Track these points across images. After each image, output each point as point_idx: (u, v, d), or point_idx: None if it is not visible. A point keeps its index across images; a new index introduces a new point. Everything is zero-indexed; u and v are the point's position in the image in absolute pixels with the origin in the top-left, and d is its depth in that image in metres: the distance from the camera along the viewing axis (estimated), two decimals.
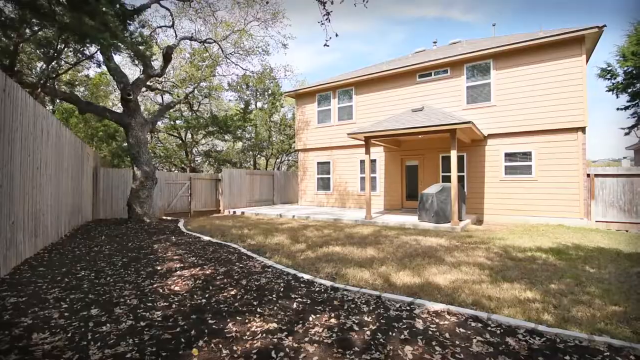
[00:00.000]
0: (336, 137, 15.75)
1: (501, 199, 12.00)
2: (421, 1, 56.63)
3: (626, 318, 3.55)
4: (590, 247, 7.32)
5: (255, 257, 5.93)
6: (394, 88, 14.21)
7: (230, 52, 13.81)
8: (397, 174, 14.41)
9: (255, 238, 7.91)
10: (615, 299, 4.09)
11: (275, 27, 13.72)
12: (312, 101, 16.78)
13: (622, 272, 5.43)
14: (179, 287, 4.31)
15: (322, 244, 7.26)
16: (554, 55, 10.95)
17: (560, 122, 10.89)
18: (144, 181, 10.38)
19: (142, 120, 10.85)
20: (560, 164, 11.01)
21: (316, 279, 4.57)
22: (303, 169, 17.27)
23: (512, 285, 4.59)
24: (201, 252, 6.34)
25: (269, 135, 22.13)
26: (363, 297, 3.92)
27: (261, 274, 4.89)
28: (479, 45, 12.82)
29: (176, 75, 16.26)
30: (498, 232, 9.33)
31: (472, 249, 7.05)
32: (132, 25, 9.70)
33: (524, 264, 5.81)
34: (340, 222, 11.17)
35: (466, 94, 12.57)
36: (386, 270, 5.24)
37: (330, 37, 5.89)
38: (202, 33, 13.42)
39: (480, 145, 12.40)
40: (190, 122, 16.22)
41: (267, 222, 11.03)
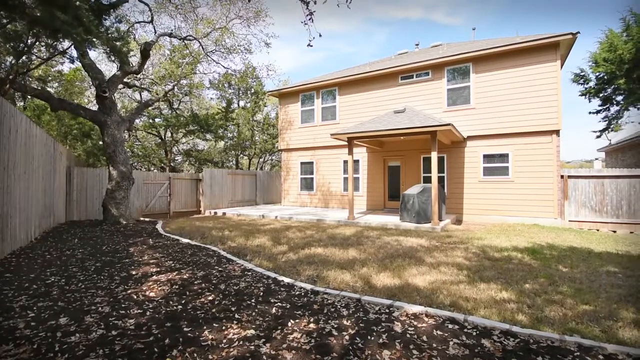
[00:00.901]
0: (320, 137, 15.73)
1: (480, 199, 12.29)
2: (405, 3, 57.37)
3: (596, 317, 3.67)
4: (564, 247, 7.57)
5: (235, 260, 5.83)
6: (377, 89, 14.31)
7: (212, 49, 13.54)
8: (380, 174, 14.52)
9: (236, 240, 7.79)
10: (586, 298, 4.24)
11: (257, 26, 13.61)
12: (295, 101, 16.70)
13: (593, 271, 5.64)
14: (154, 293, 4.18)
15: (304, 246, 7.22)
16: (530, 60, 11.28)
17: (536, 124, 11.23)
18: (120, 181, 10.06)
19: (118, 118, 10.50)
20: (535, 166, 11.36)
21: (296, 282, 4.53)
22: (286, 169, 17.18)
23: (489, 286, 4.69)
24: (179, 256, 6.18)
25: (252, 135, 21.87)
26: (343, 301, 3.91)
27: (241, 277, 4.81)
28: (459, 49, 13.06)
29: (155, 72, 15.84)
30: (476, 232, 9.53)
31: (451, 249, 7.17)
32: (108, 20, 9.37)
33: (501, 264, 5.95)
34: (323, 223, 11.16)
35: (447, 96, 12.79)
36: (367, 272, 5.25)
37: (314, 37, 5.84)
38: (183, 30, 13.14)
39: (460, 146, 12.65)
40: (169, 120, 15.81)
41: (248, 223, 10.89)
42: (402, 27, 74.62)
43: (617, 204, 10.56)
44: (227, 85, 19.89)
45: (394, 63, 14.34)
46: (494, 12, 77.05)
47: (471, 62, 12.25)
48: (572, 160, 51.29)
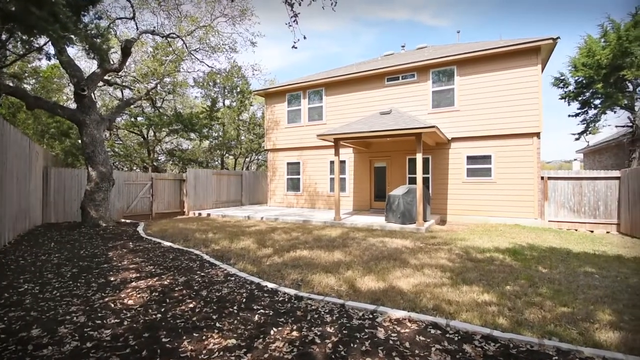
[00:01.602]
0: (306, 137, 15.67)
1: (463, 199, 12.48)
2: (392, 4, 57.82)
3: (573, 319, 3.76)
4: (543, 247, 7.75)
5: (218, 264, 5.73)
6: (364, 90, 14.35)
7: (196, 48, 13.28)
8: (366, 175, 14.58)
9: (220, 243, 7.67)
10: (564, 300, 4.33)
11: (243, 24, 13.35)
12: (282, 101, 16.59)
13: (571, 271, 5.79)
14: (132, 301, 4.06)
15: (290, 248, 7.16)
16: (512, 64, 11.51)
17: (518, 127, 11.47)
18: (99, 182, 9.76)
19: (97, 117, 10.19)
20: (517, 167, 11.61)
21: (280, 288, 4.48)
22: (272, 169, 17.05)
23: (471, 288, 4.74)
24: (160, 260, 6.03)
25: (238, 134, 21.61)
26: (327, 306, 3.89)
27: (223, 283, 4.72)
28: (444, 52, 13.22)
29: (138, 69, 15.45)
30: (460, 233, 9.67)
31: (435, 250, 7.25)
32: (87, 17, 9.05)
33: (483, 265, 6.04)
34: (309, 224, 11.12)
35: (432, 98, 12.93)
36: (352, 275, 5.24)
37: (299, 39, 5.80)
38: (166, 27, 12.82)
39: (444, 148, 12.81)
40: (152, 119, 15.43)
41: (233, 225, 10.76)
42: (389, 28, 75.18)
43: (594, 204, 10.89)
44: (212, 83, 19.59)
45: (380, 64, 14.41)
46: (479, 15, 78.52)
47: (455, 64, 12.41)
48: (552, 161, 52.75)
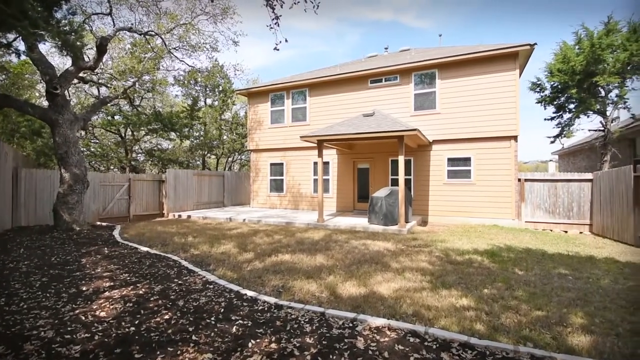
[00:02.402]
0: (290, 138, 15.57)
1: (444, 201, 12.69)
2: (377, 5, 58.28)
3: (547, 323, 3.85)
4: (520, 249, 7.96)
5: (197, 271, 5.59)
6: (347, 92, 14.37)
7: (176, 46, 12.94)
8: (350, 176, 14.62)
9: (200, 247, 7.51)
10: (539, 303, 4.44)
11: (225, 23, 13.03)
12: (265, 100, 16.42)
13: (546, 273, 5.95)
14: (105, 313, 3.90)
15: (271, 252, 7.09)
16: (491, 69, 11.77)
17: (496, 130, 11.74)
18: (72, 185, 9.38)
19: (71, 116, 9.78)
20: (495, 169, 11.89)
21: (260, 296, 4.40)
22: (255, 170, 16.87)
23: (450, 292, 4.80)
24: (136, 267, 5.84)
25: (220, 134, 21.24)
26: (307, 315, 3.84)
27: (201, 291, 4.60)
28: (426, 55, 13.39)
29: (115, 66, 14.94)
30: (440, 234, 9.82)
31: (416, 252, 7.32)
32: (60, 12, 8.67)
33: (462, 268, 6.14)
34: (292, 226, 11.05)
35: (414, 101, 13.08)
36: (333, 281, 5.22)
37: (280, 41, 5.73)
38: (144, 24, 12.42)
39: (426, 150, 12.98)
40: (130, 118, 14.92)
41: (214, 228, 10.56)
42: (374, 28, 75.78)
43: (568, 205, 11.28)
44: (193, 82, 19.17)
45: (364, 66, 14.46)
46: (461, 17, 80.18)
47: (437, 68, 12.59)
48: (530, 161, 54.43)
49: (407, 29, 73.28)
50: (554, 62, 13.22)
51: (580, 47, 12.51)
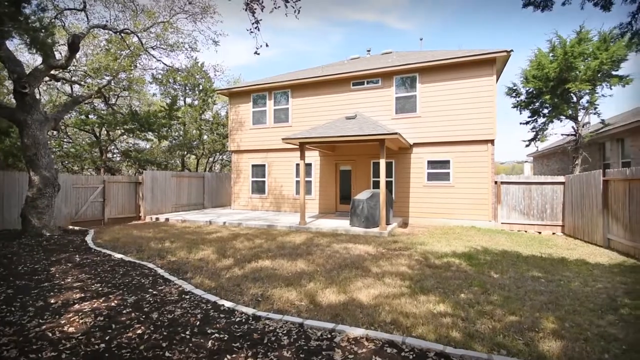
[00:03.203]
0: (272, 139, 15.43)
1: (424, 202, 12.89)
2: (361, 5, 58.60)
3: (521, 328, 3.95)
4: (496, 251, 8.16)
5: (173, 280, 5.44)
6: (330, 94, 14.36)
7: (153, 45, 12.54)
8: (332, 178, 14.63)
9: (177, 253, 7.32)
10: (513, 308, 4.55)
11: (205, 22, 12.71)
12: (247, 101, 16.21)
13: (520, 276, 6.12)
14: (74, 328, 3.73)
15: (252, 258, 6.99)
16: (469, 74, 12.02)
17: (474, 134, 12.01)
18: (42, 188, 8.96)
19: (41, 117, 9.33)
20: (473, 172, 12.17)
21: (237, 307, 4.32)
22: (237, 171, 16.63)
23: (428, 298, 4.86)
24: (109, 276, 5.62)
25: (200, 134, 20.80)
26: (285, 326, 3.80)
27: (177, 303, 4.48)
28: (408, 59, 13.55)
29: (89, 63, 14.38)
30: (420, 236, 9.96)
31: (396, 256, 7.40)
32: (29, 8, 8.26)
33: (440, 272, 6.24)
34: (274, 230, 10.96)
35: (395, 104, 13.21)
36: (313, 288, 5.19)
37: (261, 45, 5.66)
38: (120, 21, 11.98)
39: (407, 153, 13.15)
40: (104, 117, 14.35)
41: (193, 232, 10.33)
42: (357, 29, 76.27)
43: (542, 207, 11.66)
44: (172, 80, 18.66)
45: (346, 68, 14.50)
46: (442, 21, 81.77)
47: (417, 72, 12.76)
48: (506, 161, 56.13)
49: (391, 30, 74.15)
50: (529, 69, 13.65)
51: (554, 55, 12.98)
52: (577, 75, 12.33)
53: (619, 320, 4.20)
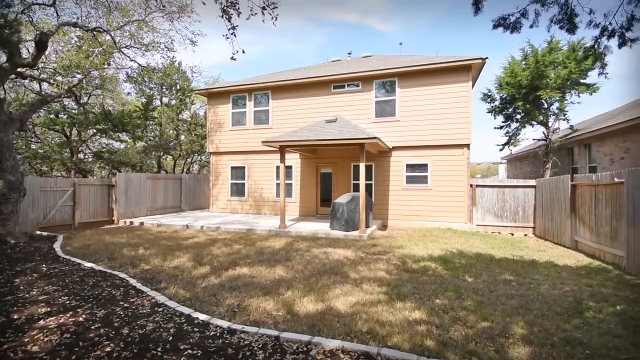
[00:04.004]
0: (252, 141, 15.25)
1: (403, 205, 13.09)
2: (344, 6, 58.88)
3: (492, 334, 4.06)
4: (471, 254, 8.37)
5: (145, 291, 5.27)
6: (311, 96, 14.34)
7: (127, 44, 12.10)
8: (312, 180, 14.62)
9: (151, 261, 7.11)
10: (485, 313, 4.68)
11: (182, 22, 12.40)
12: (226, 102, 15.95)
13: (493, 280, 6.31)
14: (38, 347, 3.55)
15: (229, 265, 6.88)
16: (446, 79, 12.30)
17: (451, 138, 12.30)
18: (7, 193, 8.49)
19: (5, 117, 8.84)
20: (450, 176, 12.46)
21: (212, 320, 4.23)
22: (215, 173, 16.34)
23: (404, 304, 4.93)
24: (77, 288, 5.39)
25: (177, 135, 20.27)
26: (261, 340, 3.75)
27: (149, 316, 4.34)
28: (387, 63, 13.71)
29: (59, 60, 13.76)
30: (399, 239, 10.11)
31: (375, 261, 7.47)
32: None
33: (417, 277, 6.34)
34: (253, 234, 10.83)
35: (375, 108, 13.34)
36: (291, 296, 5.16)
37: (238, 51, 5.56)
38: (92, 18, 11.50)
39: (386, 156, 13.30)
40: (75, 117, 13.73)
41: (169, 237, 10.07)
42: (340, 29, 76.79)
43: (515, 210, 12.07)
44: (147, 79, 18.07)
45: (327, 71, 14.52)
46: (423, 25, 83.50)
47: (397, 77, 12.94)
48: (483, 162, 57.85)
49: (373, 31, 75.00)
50: (503, 76, 14.13)
51: (527, 63, 13.48)
52: (547, 83, 12.86)
53: (583, 323, 4.40)
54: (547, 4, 3.94)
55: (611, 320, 4.45)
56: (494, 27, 4.33)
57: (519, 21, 4.18)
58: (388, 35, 73.55)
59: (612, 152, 12.34)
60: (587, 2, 3.93)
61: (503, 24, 4.25)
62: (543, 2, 3.94)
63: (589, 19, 3.98)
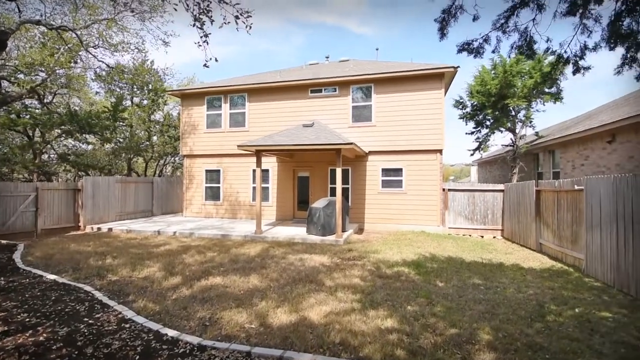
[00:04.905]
0: (227, 144, 15.01)
1: (379, 209, 13.29)
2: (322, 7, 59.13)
3: (459, 341, 4.19)
4: (443, 258, 8.62)
5: (112, 305, 5.07)
6: (288, 100, 14.30)
7: (95, 45, 11.58)
8: (290, 184, 14.57)
9: (119, 271, 6.85)
10: (454, 319, 4.82)
11: (154, 22, 12.00)
12: (200, 103, 15.62)
13: (463, 284, 6.51)
14: None
15: (202, 274, 6.74)
16: (420, 86, 12.62)
17: (424, 144, 12.62)
18: None
19: None
20: (423, 180, 12.78)
21: (182, 335, 4.13)
22: (189, 176, 15.96)
23: (377, 312, 5.01)
24: (39, 303, 5.11)
25: (149, 136, 19.61)
26: (232, 356, 3.70)
27: (115, 333, 4.18)
28: (364, 69, 13.90)
29: (20, 57, 13.00)
30: (374, 243, 10.25)
31: (350, 267, 7.54)
32: None
33: (390, 282, 6.46)
34: (228, 240, 10.66)
35: (352, 113, 13.49)
36: (265, 307, 5.12)
37: (211, 59, 5.46)
38: (58, 15, 10.93)
39: (363, 160, 13.47)
40: (38, 118, 12.96)
41: (139, 244, 9.74)
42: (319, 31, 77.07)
43: (484, 213, 12.54)
44: (117, 79, 17.35)
45: (304, 75, 14.52)
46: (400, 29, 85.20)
47: (373, 83, 13.14)
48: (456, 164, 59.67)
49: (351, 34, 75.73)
50: (474, 84, 14.66)
51: (496, 73, 14.06)
52: (514, 92, 13.46)
53: (545, 327, 4.62)
54: (508, 32, 4.18)
55: (570, 324, 4.71)
56: (458, 51, 4.55)
57: (482, 46, 4.41)
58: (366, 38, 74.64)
59: (574, 159, 13.07)
60: (544, 30, 4.23)
61: (467, 49, 4.46)
62: (504, 30, 4.18)
63: (547, 46, 4.27)
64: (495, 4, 4.20)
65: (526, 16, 4.48)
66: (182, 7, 4.90)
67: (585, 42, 4.39)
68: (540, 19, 4.07)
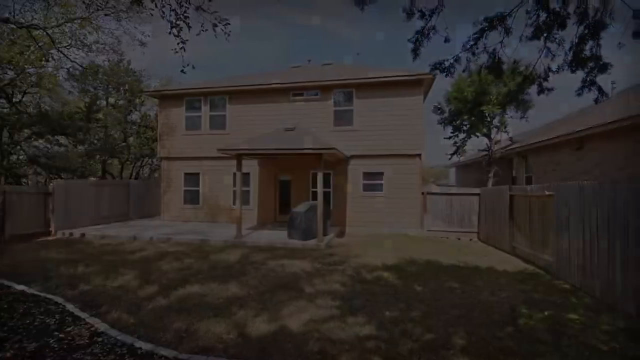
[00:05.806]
0: (207, 146, 14.75)
1: (360, 212, 13.43)
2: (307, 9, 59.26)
3: (435, 346, 4.29)
4: (421, 261, 8.78)
5: (84, 317, 4.89)
6: (269, 102, 14.23)
7: (67, 44, 11.15)
8: (271, 188, 14.50)
9: (92, 280, 6.62)
10: (430, 324, 4.93)
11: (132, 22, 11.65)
12: (179, 105, 15.32)
13: (439, 288, 6.67)
14: None
15: (179, 282, 6.60)
16: (400, 92, 12.86)
17: (404, 148, 12.87)
18: None
19: None
20: (403, 183, 13.02)
21: (157, 349, 4.04)
22: (167, 179, 15.60)
23: (356, 319, 5.05)
24: (5, 317, 4.86)
25: (125, 138, 19.03)
26: None
27: (87, 348, 4.04)
28: (346, 73, 14.04)
29: None
30: (355, 247, 10.34)
31: (330, 272, 7.58)
32: None
33: (370, 287, 6.54)
34: (207, 245, 10.48)
35: (334, 117, 13.58)
36: (244, 317, 5.08)
37: (188, 64, 5.39)
38: (28, 13, 10.46)
39: (344, 164, 13.58)
40: (6, 118, 12.33)
41: (114, 250, 9.44)
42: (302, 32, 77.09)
43: (462, 216, 12.89)
44: (91, 78, 16.76)
45: (286, 78, 14.50)
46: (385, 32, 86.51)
47: (354, 87, 13.28)
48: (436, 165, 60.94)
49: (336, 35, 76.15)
50: (452, 91, 15.08)
51: (472, 80, 14.50)
52: (490, 99, 13.93)
53: (516, 331, 4.80)
54: (477, 54, 4.38)
55: (540, 327, 4.90)
56: (431, 70, 4.73)
57: (453, 66, 4.60)
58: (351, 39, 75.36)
59: (546, 164, 13.63)
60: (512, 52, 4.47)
61: (439, 68, 4.65)
62: (473, 52, 4.37)
63: (514, 67, 4.49)
64: (465, 28, 4.41)
65: (494, 39, 4.74)
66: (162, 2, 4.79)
67: (549, 65, 4.68)
68: (507, 41, 4.33)
